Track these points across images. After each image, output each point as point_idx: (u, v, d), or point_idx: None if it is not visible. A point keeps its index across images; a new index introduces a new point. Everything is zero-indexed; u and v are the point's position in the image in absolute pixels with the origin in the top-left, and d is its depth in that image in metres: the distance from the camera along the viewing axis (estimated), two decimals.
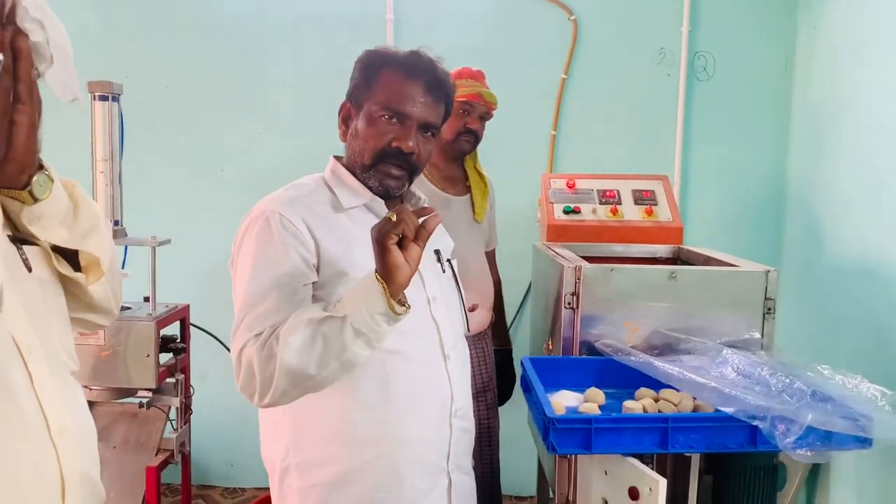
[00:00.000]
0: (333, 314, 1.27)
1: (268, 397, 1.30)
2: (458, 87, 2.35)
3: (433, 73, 1.48)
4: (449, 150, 2.39)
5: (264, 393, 1.30)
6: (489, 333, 2.57)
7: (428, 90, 1.47)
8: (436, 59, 1.51)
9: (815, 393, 1.49)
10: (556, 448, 1.41)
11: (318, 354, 1.27)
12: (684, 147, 3.17)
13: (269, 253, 1.38)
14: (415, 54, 1.49)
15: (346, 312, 1.26)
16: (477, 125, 2.39)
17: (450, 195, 2.41)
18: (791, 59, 3.12)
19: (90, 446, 0.99)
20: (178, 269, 3.06)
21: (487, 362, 2.52)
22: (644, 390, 1.67)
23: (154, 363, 2.37)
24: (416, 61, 1.48)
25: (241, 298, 1.38)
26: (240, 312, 1.38)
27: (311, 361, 1.27)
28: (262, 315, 1.35)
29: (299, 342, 1.26)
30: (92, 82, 2.35)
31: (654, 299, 1.90)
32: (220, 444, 3.39)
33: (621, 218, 2.55)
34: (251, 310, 1.36)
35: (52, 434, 0.89)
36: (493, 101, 2.40)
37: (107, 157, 2.38)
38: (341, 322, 1.26)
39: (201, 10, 3.24)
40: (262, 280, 1.37)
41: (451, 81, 1.54)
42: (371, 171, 1.49)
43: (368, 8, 3.16)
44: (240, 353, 1.34)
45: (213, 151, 3.30)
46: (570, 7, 3.13)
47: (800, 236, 3.04)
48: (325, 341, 1.27)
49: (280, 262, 1.37)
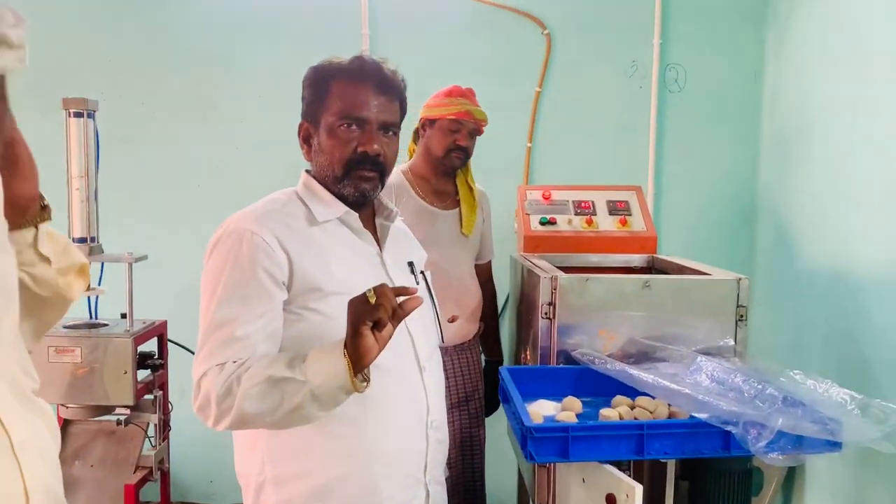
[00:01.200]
0: (296, 377, 1.29)
1: (221, 426, 1.34)
2: (449, 105, 2.39)
3: (380, 73, 1.49)
4: (439, 165, 2.45)
5: (218, 422, 1.34)
6: (476, 343, 2.59)
7: (379, 91, 1.48)
8: (380, 60, 1.52)
9: (787, 398, 1.53)
10: (534, 456, 1.43)
11: (274, 408, 1.30)
12: (657, 157, 3.22)
13: (237, 274, 1.39)
14: (359, 59, 1.51)
15: (307, 378, 1.28)
16: (467, 142, 2.44)
17: (437, 209, 2.46)
18: (760, 70, 3.18)
19: (53, 461, 0.99)
20: (156, 285, 3.05)
21: (472, 372, 2.54)
22: (620, 398, 1.70)
23: (132, 380, 2.36)
24: (362, 66, 1.49)
25: (207, 320, 1.39)
26: (203, 334, 1.39)
27: (267, 412, 1.31)
28: (225, 342, 1.36)
29: (258, 393, 1.30)
30: (67, 99, 2.35)
31: (629, 308, 1.94)
32: (199, 460, 3.37)
33: (596, 228, 2.58)
34: (214, 333, 1.37)
35: (14, 449, 0.88)
36: (483, 118, 2.45)
37: (82, 174, 2.37)
38: (301, 386, 1.28)
39: (176, 25, 3.24)
40: (228, 303, 1.38)
41: (401, 78, 1.55)
42: (344, 181, 1.50)
43: (344, 22, 3.18)
44: (199, 380, 1.36)
45: (190, 166, 3.29)
46: (544, 21, 3.18)
47: (771, 244, 3.09)
48: (282, 397, 1.30)
49: (247, 284, 1.38)
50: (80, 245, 2.40)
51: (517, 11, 3.17)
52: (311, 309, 1.41)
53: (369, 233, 1.56)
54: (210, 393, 1.33)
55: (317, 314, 1.42)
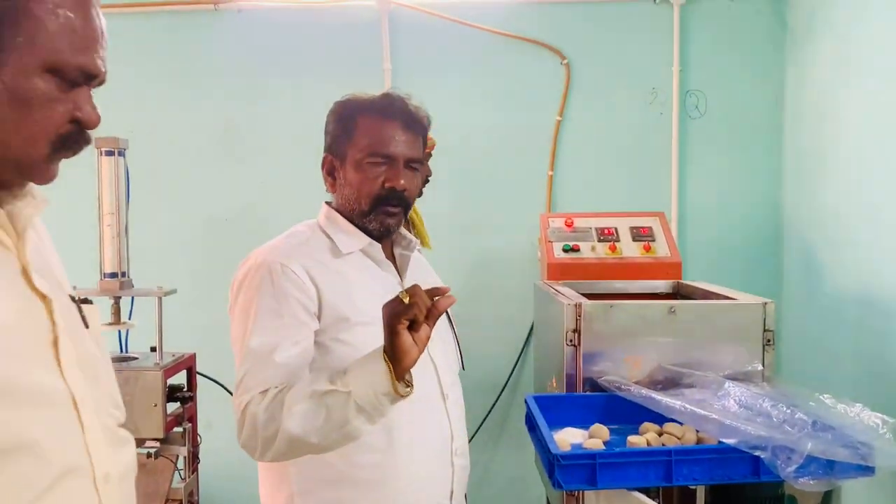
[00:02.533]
0: (339, 388, 1.28)
1: (268, 455, 1.34)
2: None
3: (407, 110, 1.53)
4: None
5: (265, 451, 1.33)
6: None
7: (406, 128, 1.52)
8: (406, 97, 1.55)
9: (817, 423, 1.51)
10: (561, 484, 1.43)
11: (320, 425, 1.29)
12: (680, 183, 3.22)
13: (271, 305, 1.41)
14: (387, 96, 1.54)
15: (350, 388, 1.27)
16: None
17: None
18: (781, 93, 3.18)
19: (130, 494, 1.02)
20: (185, 319, 3.09)
21: None
22: (648, 425, 1.68)
23: (161, 412, 2.38)
24: (391, 103, 1.53)
25: (243, 353, 1.41)
26: (241, 366, 1.40)
27: (313, 431, 1.30)
28: (265, 372, 1.37)
29: (303, 411, 1.29)
30: (99, 138, 2.41)
31: (655, 334, 1.93)
32: (228, 492, 3.37)
33: (620, 255, 2.58)
34: (253, 365, 1.38)
35: (96, 481, 0.91)
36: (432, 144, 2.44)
37: (113, 211, 2.43)
38: (345, 397, 1.27)
39: (203, 64, 3.32)
40: (264, 334, 1.39)
41: (424, 114, 1.57)
42: (371, 216, 1.52)
43: (366, 58, 3.24)
44: (244, 410, 1.36)
45: (218, 201, 3.35)
46: (563, 51, 3.21)
47: (798, 267, 3.07)
48: (327, 413, 1.28)
49: (281, 315, 1.40)
50: (110, 280, 2.45)
51: (537, 42, 3.21)
52: (339, 340, 1.43)
53: (391, 263, 1.58)
54: (256, 419, 1.32)
55: (344, 345, 1.43)
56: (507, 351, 3.24)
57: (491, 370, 3.20)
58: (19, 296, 0.87)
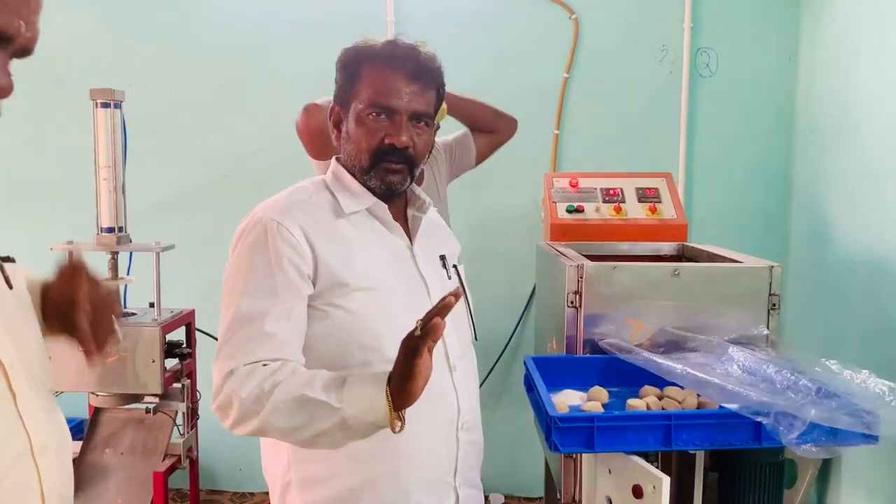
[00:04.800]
0: (331, 402, 1.22)
1: (239, 430, 1.29)
2: None
3: (415, 60, 1.42)
4: None
5: (237, 426, 1.29)
6: None
7: (412, 79, 1.41)
8: (416, 44, 1.45)
9: (821, 389, 1.48)
10: (558, 447, 1.40)
11: (300, 425, 1.24)
12: (688, 144, 3.16)
13: (263, 265, 1.35)
14: (392, 44, 1.44)
15: (343, 406, 1.21)
16: None
17: None
18: (794, 53, 3.10)
19: (68, 465, 0.97)
20: (184, 275, 3.07)
21: None
22: (648, 388, 1.66)
23: (160, 368, 2.38)
24: (395, 51, 1.42)
25: (231, 313, 1.34)
26: (228, 328, 1.34)
27: (291, 428, 1.25)
28: (254, 338, 1.31)
29: (286, 408, 1.24)
30: (94, 90, 2.37)
31: (658, 297, 1.89)
32: (228, 448, 3.39)
33: (625, 216, 2.54)
34: (242, 327, 1.32)
35: (34, 453, 0.87)
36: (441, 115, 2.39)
37: (109, 164, 2.39)
38: (335, 413, 1.22)
39: (203, 15, 3.25)
40: (255, 296, 1.33)
41: (437, 64, 1.47)
42: (371, 173, 1.44)
43: (369, 10, 3.16)
44: (225, 377, 1.29)
45: (217, 156, 3.31)
46: (571, 6, 3.13)
47: (807, 231, 3.02)
48: (311, 418, 1.23)
49: (274, 276, 1.33)
50: (108, 235, 2.42)
51: None
52: (335, 305, 1.36)
53: (399, 225, 1.49)
54: (234, 395, 1.27)
55: (341, 311, 1.37)
56: (509, 312, 3.23)
57: (493, 331, 3.19)
58: None
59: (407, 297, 1.43)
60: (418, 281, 1.47)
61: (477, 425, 1.55)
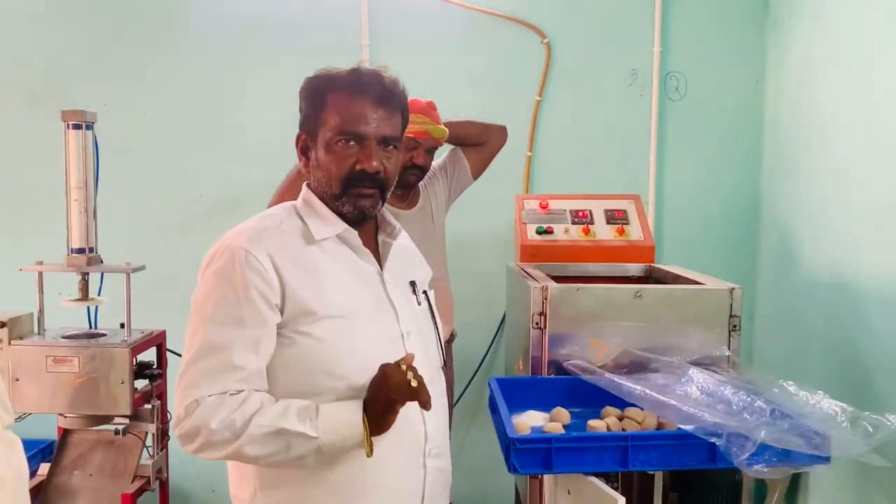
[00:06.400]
0: (307, 433, 1.28)
1: (203, 455, 1.32)
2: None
3: (380, 85, 1.44)
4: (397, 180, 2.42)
5: (202, 451, 1.32)
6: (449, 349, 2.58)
7: (379, 104, 1.42)
8: (379, 69, 1.47)
9: (775, 411, 1.51)
10: (517, 468, 1.42)
11: (275, 451, 1.30)
12: (658, 166, 3.21)
13: (230, 294, 1.35)
14: (356, 71, 1.45)
15: (319, 435, 1.29)
16: (423, 160, 2.43)
17: (398, 210, 2.43)
18: (761, 77, 3.17)
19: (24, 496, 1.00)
20: (158, 296, 3.06)
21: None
22: (609, 409, 1.69)
23: (129, 389, 2.36)
24: (359, 78, 1.43)
25: (198, 341, 1.35)
26: (194, 355, 1.34)
27: (266, 455, 1.31)
28: (221, 369, 1.32)
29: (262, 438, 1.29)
30: (65, 111, 2.37)
31: (622, 318, 1.93)
32: (200, 470, 3.37)
33: (594, 237, 2.57)
34: (208, 356, 1.33)
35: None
36: (442, 135, 2.44)
37: (80, 185, 2.39)
38: (311, 442, 1.29)
39: (177, 35, 3.26)
40: (222, 326, 1.34)
41: (401, 88, 1.49)
42: (343, 199, 1.44)
43: (344, 34, 3.19)
44: (189, 407, 1.31)
45: (192, 176, 3.31)
46: (543, 30, 3.17)
47: (774, 253, 3.07)
48: (288, 447, 1.30)
49: (241, 305, 1.34)
50: (78, 255, 2.42)
51: (517, 21, 3.17)
52: (303, 333, 1.37)
53: (369, 251, 1.50)
54: (203, 424, 1.29)
55: (308, 338, 1.37)
56: (482, 333, 3.25)
57: (465, 352, 3.19)
58: None
59: (376, 323, 1.44)
60: (388, 307, 1.47)
61: (445, 452, 1.53)
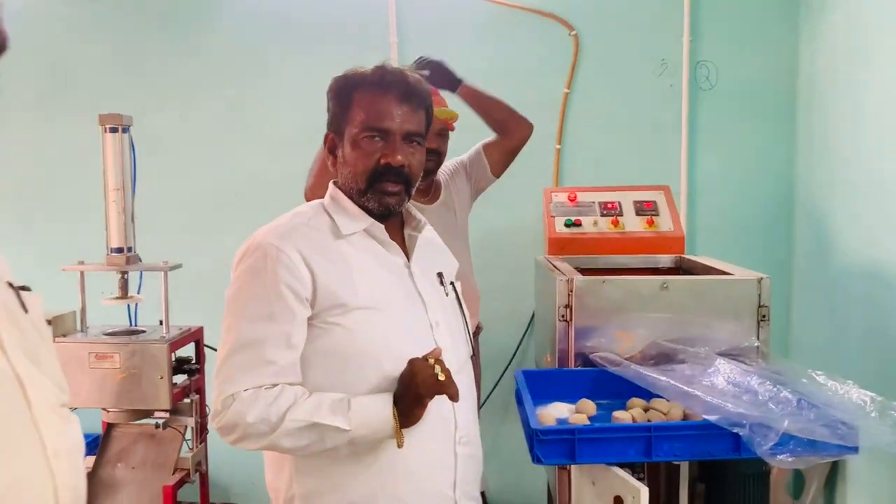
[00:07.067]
0: (340, 426, 1.34)
1: (242, 447, 1.38)
2: None
3: (403, 82, 1.48)
4: None
5: (240, 443, 1.38)
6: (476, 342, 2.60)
7: (402, 100, 1.47)
8: (404, 68, 1.52)
9: (802, 401, 1.50)
10: (541, 459, 1.44)
11: (309, 444, 1.37)
12: (690, 157, 3.18)
13: (261, 290, 1.40)
14: (381, 69, 1.49)
15: (351, 428, 1.34)
16: (436, 143, 2.42)
17: (421, 205, 2.44)
18: (794, 63, 3.11)
19: (81, 469, 1.04)
20: (196, 293, 3.13)
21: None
22: (635, 400, 1.69)
23: (168, 384, 2.43)
24: (384, 75, 1.48)
25: (233, 337, 1.40)
26: (229, 351, 1.40)
27: (300, 447, 1.38)
28: (255, 364, 1.37)
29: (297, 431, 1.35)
30: (102, 115, 2.44)
31: (648, 310, 1.92)
32: (240, 462, 3.43)
33: (622, 229, 2.56)
34: (242, 351, 1.39)
35: (48, 456, 0.94)
36: (449, 116, 2.44)
37: (118, 187, 2.46)
38: (344, 435, 1.34)
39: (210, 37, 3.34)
40: (255, 322, 1.39)
41: (425, 86, 1.53)
42: (368, 194, 1.48)
43: (372, 31, 3.22)
44: (227, 401, 1.36)
45: (228, 177, 3.38)
46: (571, 23, 3.17)
47: (810, 241, 3.02)
48: (322, 440, 1.36)
49: (271, 301, 1.39)
50: (117, 255, 2.50)
51: (544, 14, 3.17)
52: (334, 324, 1.41)
53: (397, 244, 1.53)
54: (240, 418, 1.35)
55: (340, 328, 1.41)
56: (513, 328, 3.25)
57: (498, 345, 3.21)
58: None
59: (405, 313, 1.48)
60: (416, 298, 1.51)
61: (475, 439, 1.56)
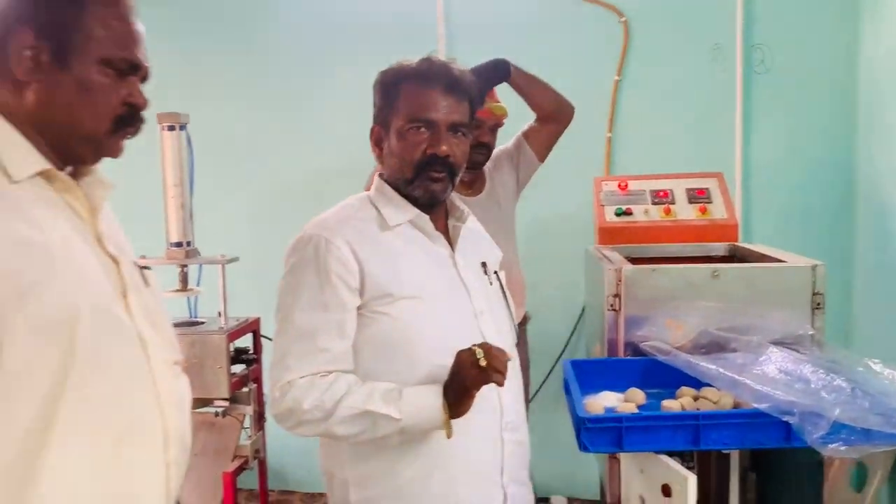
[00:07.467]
0: (391, 415, 1.38)
1: (297, 432, 1.44)
2: None
3: (448, 74, 1.50)
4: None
5: (296, 429, 1.44)
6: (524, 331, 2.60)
7: (447, 92, 1.49)
8: (448, 61, 1.54)
9: (856, 389, 1.47)
10: (587, 447, 1.44)
11: (362, 431, 1.42)
12: (745, 143, 3.11)
13: (313, 280, 1.45)
14: (426, 61, 1.52)
15: (402, 417, 1.38)
16: (488, 138, 2.48)
17: (466, 198, 2.44)
18: (854, 46, 3.02)
19: (188, 415, 1.20)
20: (253, 285, 3.21)
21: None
22: (684, 389, 1.68)
23: (226, 374, 2.51)
24: (430, 67, 1.51)
25: (288, 327, 1.46)
26: (284, 343, 1.46)
27: (353, 434, 1.43)
28: (309, 352, 1.43)
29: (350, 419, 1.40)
30: (160, 114, 2.53)
31: (699, 298, 1.89)
32: (298, 450, 3.51)
33: (674, 217, 2.54)
34: (298, 341, 1.44)
35: (161, 401, 1.11)
36: (503, 113, 2.49)
37: (177, 184, 2.55)
38: (395, 423, 1.39)
39: (264, 36, 3.41)
40: (308, 312, 1.44)
41: (469, 78, 1.55)
42: (415, 183, 1.51)
43: (420, 24, 3.25)
44: (284, 388, 1.42)
45: (283, 172, 3.46)
46: (621, 9, 3.14)
47: (873, 229, 2.93)
48: (373, 428, 1.40)
49: (324, 291, 1.44)
50: (176, 249, 2.58)
51: (593, 1, 3.14)
52: (382, 313, 1.46)
53: (441, 235, 1.57)
54: (296, 405, 1.41)
55: (387, 317, 1.46)
56: (564, 318, 3.25)
57: (550, 335, 3.21)
58: (97, 256, 1.10)
59: (450, 302, 1.52)
60: (460, 287, 1.54)
61: (521, 425, 1.59)
